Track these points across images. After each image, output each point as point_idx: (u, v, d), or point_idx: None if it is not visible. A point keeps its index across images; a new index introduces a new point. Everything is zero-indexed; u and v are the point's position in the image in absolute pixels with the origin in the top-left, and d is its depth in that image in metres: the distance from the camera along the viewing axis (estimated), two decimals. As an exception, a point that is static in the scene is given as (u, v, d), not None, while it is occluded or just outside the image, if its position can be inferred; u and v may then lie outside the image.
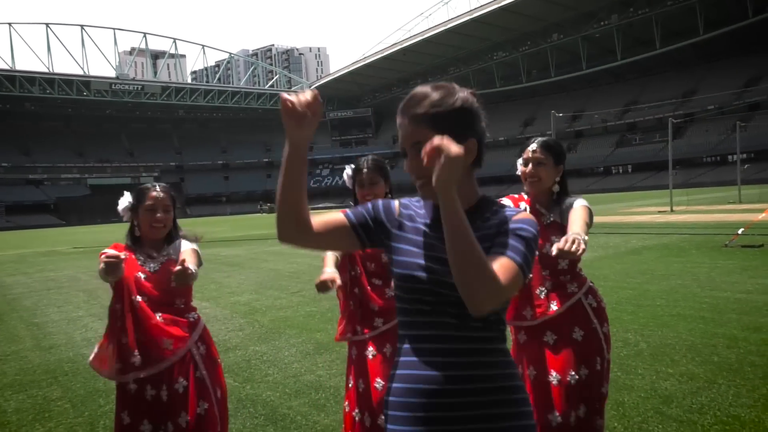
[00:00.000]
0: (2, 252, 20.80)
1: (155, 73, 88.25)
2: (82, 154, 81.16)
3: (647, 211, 20.61)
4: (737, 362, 3.70)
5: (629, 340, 4.37)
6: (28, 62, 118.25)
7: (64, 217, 69.42)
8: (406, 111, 1.18)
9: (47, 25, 70.17)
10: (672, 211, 19.46)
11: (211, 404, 2.19)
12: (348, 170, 2.49)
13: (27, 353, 5.13)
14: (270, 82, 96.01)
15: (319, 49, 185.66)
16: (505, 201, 2.26)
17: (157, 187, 2.34)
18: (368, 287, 2.41)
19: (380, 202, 1.30)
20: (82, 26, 73.16)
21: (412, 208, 1.29)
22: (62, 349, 5.18)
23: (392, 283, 1.70)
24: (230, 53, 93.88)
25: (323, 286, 2.17)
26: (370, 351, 2.35)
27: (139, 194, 2.32)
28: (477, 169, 1.24)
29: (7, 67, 67.22)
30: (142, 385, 2.13)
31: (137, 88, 78.15)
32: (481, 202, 1.24)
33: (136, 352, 2.11)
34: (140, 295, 2.16)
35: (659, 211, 19.86)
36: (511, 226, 1.15)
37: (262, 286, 8.45)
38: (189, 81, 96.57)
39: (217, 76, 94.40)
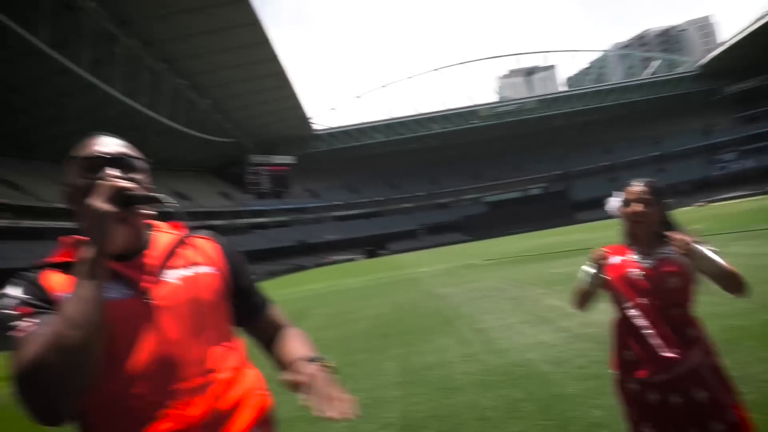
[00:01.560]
0: (433, 267, 24.78)
1: (532, 88, 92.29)
2: (478, 176, 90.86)
3: None
4: None
5: None
6: (430, 104, 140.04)
7: (469, 233, 78.61)
8: None
9: (437, 70, 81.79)
10: None
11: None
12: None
13: (481, 356, 5.80)
14: (648, 70, 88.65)
15: (702, 19, 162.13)
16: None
17: (638, 181, 2.28)
18: None
19: None
20: (464, 63, 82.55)
21: None
22: (509, 354, 5.67)
23: None
24: (601, 51, 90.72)
25: None
26: None
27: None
28: None
29: (414, 113, 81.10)
30: (658, 393, 2.03)
31: (517, 106, 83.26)
32: None
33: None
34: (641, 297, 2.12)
35: None
36: None
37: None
38: (563, 89, 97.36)
39: (591, 78, 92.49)
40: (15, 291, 1.13)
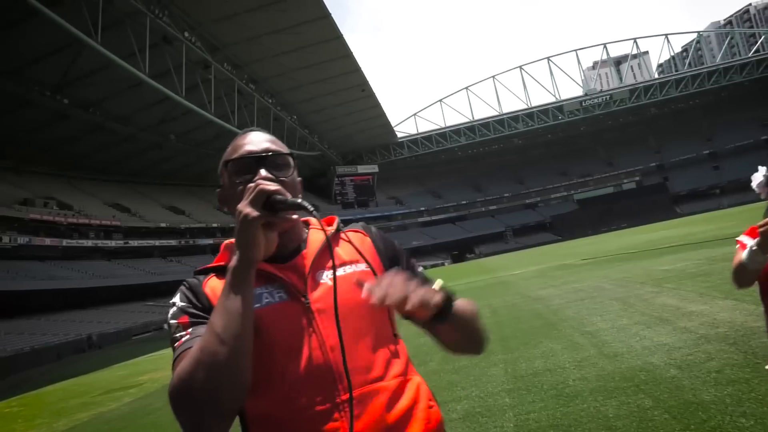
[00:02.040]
0: (525, 269, 24.05)
1: (620, 78, 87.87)
2: (565, 173, 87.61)
3: None
4: None
5: None
6: (512, 104, 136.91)
7: (559, 232, 75.84)
8: None
9: (521, 67, 79.74)
10: None
11: None
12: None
13: (596, 360, 5.44)
14: (754, 48, 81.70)
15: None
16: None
17: None
18: None
19: None
20: (548, 58, 79.95)
21: None
22: (627, 358, 5.28)
23: None
24: (697, 32, 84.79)
25: None
26: None
27: None
28: None
29: (495, 113, 79.58)
30: None
31: (606, 98, 79.47)
32: None
33: None
34: None
35: None
36: None
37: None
38: (656, 76, 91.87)
39: (687, 61, 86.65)
40: (178, 299, 1.14)
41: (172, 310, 1.12)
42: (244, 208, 1.01)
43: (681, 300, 7.76)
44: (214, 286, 1.14)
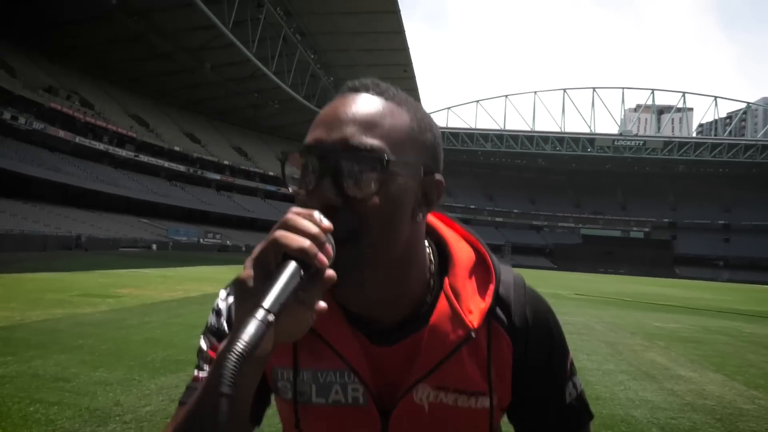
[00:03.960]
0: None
1: (659, 128, 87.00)
2: (579, 206, 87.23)
3: None
4: None
5: None
6: (546, 123, 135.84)
7: (557, 262, 75.74)
8: None
9: (564, 90, 78.92)
10: None
11: None
12: None
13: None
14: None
15: None
16: None
17: None
18: None
19: None
20: (594, 88, 79.05)
21: None
22: (609, 404, 5.17)
23: None
24: (747, 102, 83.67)
25: None
26: None
27: None
28: None
29: (527, 129, 78.93)
30: None
31: (639, 143, 78.87)
32: None
33: None
34: None
35: None
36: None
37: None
38: (694, 135, 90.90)
39: (729, 129, 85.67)
40: (220, 320, 0.80)
41: (209, 323, 0.81)
42: (246, 276, 0.57)
43: (670, 361, 7.66)
44: None
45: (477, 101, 79.92)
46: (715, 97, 79.05)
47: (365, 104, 0.70)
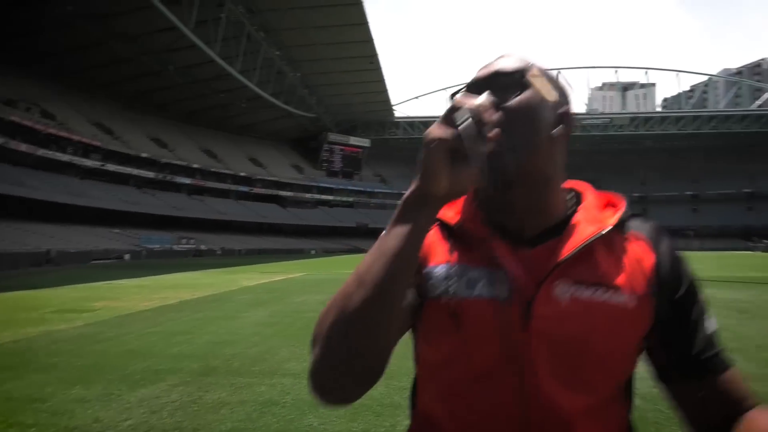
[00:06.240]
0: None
1: (624, 104, 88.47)
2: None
3: None
4: None
5: None
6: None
7: (534, 242, 76.70)
8: None
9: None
10: None
11: None
12: None
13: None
14: (758, 102, 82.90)
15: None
16: None
17: None
18: None
19: None
20: (559, 69, 79.94)
21: None
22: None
23: None
24: (708, 75, 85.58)
25: None
26: None
27: None
28: None
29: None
30: None
31: (606, 121, 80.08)
32: None
33: None
34: None
35: None
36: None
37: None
38: (658, 110, 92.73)
39: (691, 101, 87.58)
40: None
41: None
42: (432, 128, 0.73)
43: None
44: (431, 241, 0.88)
45: (445, 88, 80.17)
46: (678, 71, 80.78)
47: (508, 57, 0.91)
